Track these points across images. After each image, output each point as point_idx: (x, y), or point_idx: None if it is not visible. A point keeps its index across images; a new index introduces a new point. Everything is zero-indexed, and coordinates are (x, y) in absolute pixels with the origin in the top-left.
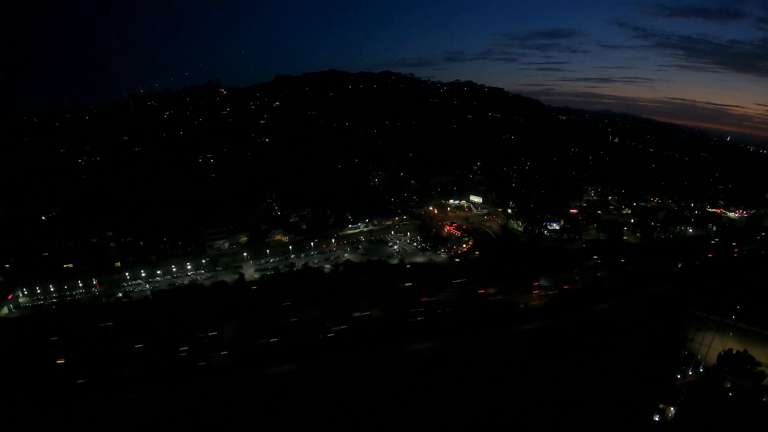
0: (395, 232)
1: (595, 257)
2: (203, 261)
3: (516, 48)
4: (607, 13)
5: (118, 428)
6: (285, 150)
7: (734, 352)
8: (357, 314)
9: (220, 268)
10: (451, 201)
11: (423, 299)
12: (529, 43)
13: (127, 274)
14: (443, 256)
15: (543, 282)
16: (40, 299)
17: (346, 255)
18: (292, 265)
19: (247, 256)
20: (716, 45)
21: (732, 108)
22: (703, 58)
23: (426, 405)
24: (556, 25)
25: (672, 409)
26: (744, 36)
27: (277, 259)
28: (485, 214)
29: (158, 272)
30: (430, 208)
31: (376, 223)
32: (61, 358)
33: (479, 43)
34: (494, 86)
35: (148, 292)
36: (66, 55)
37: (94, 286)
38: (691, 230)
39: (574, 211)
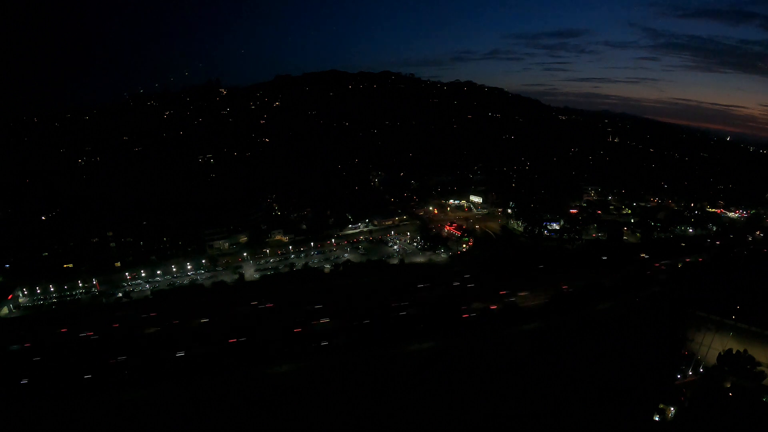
0: (395, 232)
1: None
2: (203, 261)
3: (523, 47)
4: (618, 13)
5: (118, 428)
6: (285, 150)
7: (734, 352)
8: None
9: (220, 268)
10: (451, 201)
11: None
12: (536, 43)
13: (127, 274)
14: (443, 256)
15: None
16: (40, 299)
17: (346, 255)
18: (292, 265)
19: (247, 256)
20: (725, 46)
21: (736, 108)
22: (711, 58)
23: (425, 405)
24: (565, 25)
25: (672, 409)
26: (753, 36)
27: (277, 259)
28: (485, 214)
29: (158, 272)
30: (430, 208)
31: (376, 223)
32: (60, 358)
33: (487, 43)
34: (496, 86)
35: (148, 292)
36: (66, 55)
37: (94, 286)
38: (691, 230)
39: (574, 211)
